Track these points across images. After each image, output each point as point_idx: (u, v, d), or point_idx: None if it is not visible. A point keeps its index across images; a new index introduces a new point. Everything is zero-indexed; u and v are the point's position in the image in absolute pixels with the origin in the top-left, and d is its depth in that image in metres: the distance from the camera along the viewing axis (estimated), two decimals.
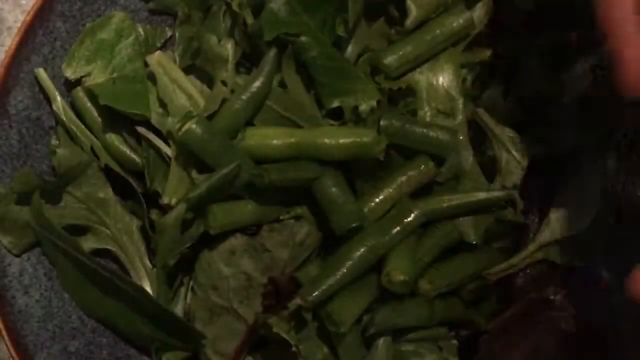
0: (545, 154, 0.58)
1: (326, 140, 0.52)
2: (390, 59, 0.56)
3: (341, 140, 0.52)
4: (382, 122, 0.53)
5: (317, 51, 0.54)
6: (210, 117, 0.54)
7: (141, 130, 0.56)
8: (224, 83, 0.55)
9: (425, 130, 0.54)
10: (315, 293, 0.50)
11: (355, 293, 0.52)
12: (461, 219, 0.56)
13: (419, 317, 0.55)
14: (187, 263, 0.56)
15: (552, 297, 0.56)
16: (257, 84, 0.54)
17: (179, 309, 0.57)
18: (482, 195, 0.55)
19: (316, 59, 0.54)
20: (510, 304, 0.57)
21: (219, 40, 0.56)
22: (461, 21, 0.56)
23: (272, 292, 0.53)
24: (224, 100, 0.54)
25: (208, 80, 0.57)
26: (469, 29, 0.57)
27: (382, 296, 0.54)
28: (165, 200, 0.55)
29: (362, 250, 0.52)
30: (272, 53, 0.54)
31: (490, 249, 0.58)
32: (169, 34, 0.60)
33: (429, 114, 0.57)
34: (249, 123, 0.55)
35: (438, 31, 0.56)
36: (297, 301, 0.50)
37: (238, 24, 0.56)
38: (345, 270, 0.51)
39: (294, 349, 0.50)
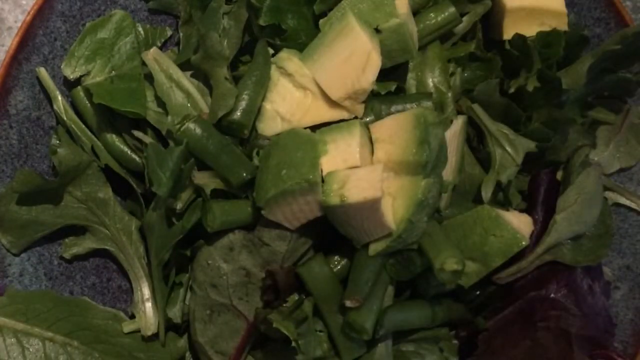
0: (547, 153, 0.58)
1: None
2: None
3: None
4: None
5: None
6: (226, 115, 0.54)
7: (137, 134, 0.56)
8: (225, 79, 0.54)
9: (405, 100, 0.56)
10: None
11: (373, 300, 0.53)
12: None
13: (422, 318, 0.56)
14: (185, 263, 0.56)
15: (552, 296, 0.56)
16: (257, 73, 0.54)
17: (177, 310, 0.57)
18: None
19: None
20: (510, 302, 0.57)
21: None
22: (446, 14, 0.57)
23: (271, 286, 0.52)
24: (238, 96, 0.54)
25: (203, 77, 0.56)
26: (455, 24, 0.58)
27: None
28: (177, 206, 0.55)
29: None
30: (263, 45, 0.55)
31: None
32: (169, 33, 0.60)
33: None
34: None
35: (422, 24, 0.57)
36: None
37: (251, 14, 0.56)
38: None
39: (293, 344, 0.50)
